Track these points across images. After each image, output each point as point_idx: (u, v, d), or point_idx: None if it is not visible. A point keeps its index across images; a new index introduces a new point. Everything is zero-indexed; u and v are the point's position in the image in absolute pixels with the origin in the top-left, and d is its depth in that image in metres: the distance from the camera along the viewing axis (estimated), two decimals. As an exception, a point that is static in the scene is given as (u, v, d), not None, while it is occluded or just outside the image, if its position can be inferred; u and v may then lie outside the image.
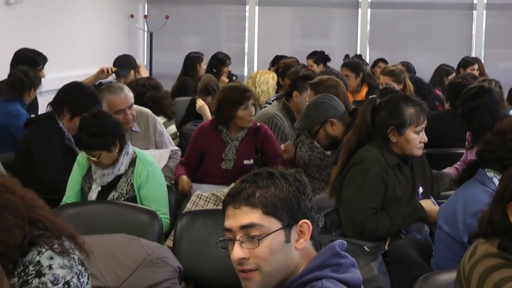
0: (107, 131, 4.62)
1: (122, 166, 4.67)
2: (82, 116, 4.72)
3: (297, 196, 2.23)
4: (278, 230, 2.18)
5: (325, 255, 2.22)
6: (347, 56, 10.36)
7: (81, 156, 4.80)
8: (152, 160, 4.85)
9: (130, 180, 4.69)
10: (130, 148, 4.77)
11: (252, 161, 5.54)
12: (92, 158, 4.60)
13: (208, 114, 6.74)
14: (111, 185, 4.70)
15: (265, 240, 2.17)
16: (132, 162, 4.71)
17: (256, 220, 2.17)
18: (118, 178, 4.71)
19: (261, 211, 2.18)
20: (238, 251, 2.18)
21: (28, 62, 7.12)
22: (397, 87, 7.26)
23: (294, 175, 2.27)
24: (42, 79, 7.14)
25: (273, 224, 2.18)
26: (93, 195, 4.71)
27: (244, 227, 2.18)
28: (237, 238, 2.19)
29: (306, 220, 2.23)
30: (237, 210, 2.20)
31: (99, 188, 4.70)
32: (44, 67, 7.31)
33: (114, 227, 4.06)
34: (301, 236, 2.22)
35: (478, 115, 5.47)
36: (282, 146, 5.48)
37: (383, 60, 10.02)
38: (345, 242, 2.31)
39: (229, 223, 2.21)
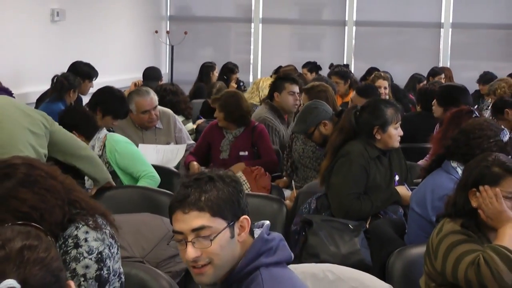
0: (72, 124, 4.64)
1: (96, 149, 4.64)
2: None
3: (236, 195, 2.17)
4: (225, 228, 2.13)
5: (258, 246, 2.17)
6: (331, 64, 10.31)
7: None
8: (119, 138, 4.79)
9: (105, 159, 4.65)
10: (102, 134, 4.73)
11: (247, 153, 5.50)
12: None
13: None
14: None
15: (216, 239, 2.10)
16: (104, 145, 4.69)
17: (206, 222, 2.10)
18: None
19: (209, 213, 2.11)
20: (192, 251, 2.10)
21: (84, 74, 7.10)
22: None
23: (230, 176, 2.22)
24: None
25: (220, 223, 2.12)
26: (88, 182, 4.63)
27: (195, 230, 2.10)
28: (189, 239, 2.10)
29: (246, 216, 2.19)
30: (186, 215, 2.11)
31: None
32: (92, 84, 7.27)
33: (141, 208, 4.05)
34: (242, 230, 2.17)
35: None
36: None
37: (376, 69, 9.99)
38: (269, 223, 2.27)
39: (180, 226, 2.12)
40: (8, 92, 4.56)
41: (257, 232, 2.24)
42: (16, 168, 2.49)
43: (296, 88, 6.35)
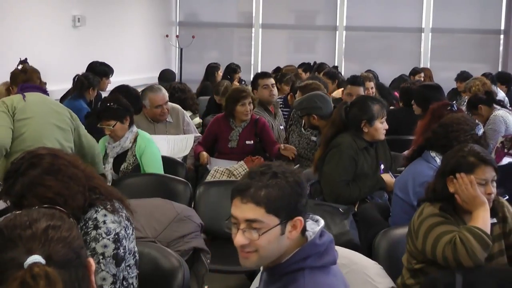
0: (121, 105, 4.65)
1: (127, 140, 4.66)
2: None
3: (295, 197, 2.05)
4: (276, 226, 2.02)
5: (308, 249, 2.07)
6: (315, 63, 10.33)
7: (102, 142, 4.80)
8: (149, 137, 4.79)
9: (134, 152, 4.68)
10: (135, 128, 4.75)
11: (252, 142, 5.57)
12: (109, 127, 4.60)
13: None
14: (122, 158, 4.70)
15: (265, 234, 2.01)
16: (135, 139, 4.70)
17: (260, 217, 2.01)
18: (126, 152, 4.70)
19: (264, 209, 2.01)
20: (240, 238, 2.03)
21: (101, 73, 7.14)
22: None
23: (294, 176, 2.09)
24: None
25: (273, 220, 2.01)
26: (108, 166, 4.71)
27: (248, 220, 2.02)
28: (241, 227, 2.03)
29: (300, 218, 2.05)
30: (244, 205, 2.03)
31: (112, 160, 4.72)
32: (109, 81, 7.30)
33: (154, 193, 4.03)
34: (293, 229, 2.05)
35: None
36: (282, 145, 5.46)
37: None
38: (324, 224, 2.16)
39: (236, 213, 2.05)
40: (43, 90, 4.56)
41: (310, 226, 2.15)
42: (41, 158, 2.51)
43: (268, 81, 6.48)
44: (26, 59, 4.69)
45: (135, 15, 10.53)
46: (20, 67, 4.63)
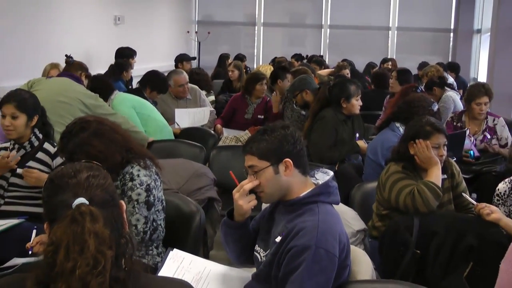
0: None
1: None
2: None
3: (279, 143, 2.07)
4: (267, 167, 2.06)
5: (321, 187, 2.10)
6: (307, 56, 10.27)
7: None
8: (123, 97, 4.64)
9: None
10: (115, 92, 4.66)
11: (262, 116, 5.66)
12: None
13: None
14: None
15: (260, 174, 2.07)
16: None
17: (254, 162, 2.08)
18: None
19: (256, 157, 2.07)
20: (249, 179, 2.12)
21: (126, 55, 7.09)
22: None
23: (281, 129, 2.11)
24: (136, 68, 7.13)
25: (264, 164, 2.06)
26: None
27: (250, 167, 2.10)
28: (249, 172, 2.12)
29: (288, 159, 2.06)
30: (246, 157, 2.12)
31: None
32: (136, 60, 7.27)
33: (177, 155, 4.05)
34: (287, 169, 2.06)
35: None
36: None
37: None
38: (333, 174, 2.19)
39: (245, 163, 2.13)
40: (75, 78, 4.34)
41: (319, 175, 2.18)
42: (90, 123, 2.55)
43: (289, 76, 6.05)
44: (70, 55, 4.57)
45: (163, 15, 10.46)
46: (65, 61, 4.52)
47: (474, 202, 2.83)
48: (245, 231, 2.24)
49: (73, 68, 4.47)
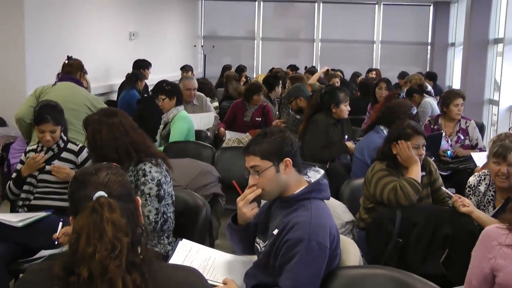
0: (172, 86, 4.54)
1: (171, 114, 4.51)
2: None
3: (280, 145, 2.04)
4: (270, 167, 2.03)
5: (313, 185, 2.08)
6: (306, 67, 10.28)
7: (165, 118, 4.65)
8: (185, 116, 4.57)
9: (170, 123, 4.51)
10: (180, 107, 4.56)
11: (260, 119, 5.62)
12: (160, 100, 4.48)
13: None
14: (165, 127, 4.55)
15: (263, 174, 2.03)
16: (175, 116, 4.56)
17: (257, 162, 2.04)
18: (167, 123, 4.54)
19: (259, 157, 2.03)
20: (251, 180, 2.07)
21: (142, 66, 7.15)
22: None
23: (279, 132, 2.09)
24: (149, 77, 7.14)
25: (266, 164, 2.03)
26: (158, 132, 4.60)
27: (252, 167, 2.05)
28: (250, 173, 2.07)
29: (288, 158, 2.04)
30: (247, 157, 2.07)
31: (161, 128, 4.58)
32: (149, 71, 7.29)
33: (185, 155, 4.02)
34: (286, 167, 2.04)
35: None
36: (277, 121, 5.48)
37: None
38: (324, 172, 2.19)
39: (246, 164, 2.08)
40: (76, 80, 4.21)
41: (311, 174, 2.16)
42: (117, 112, 2.61)
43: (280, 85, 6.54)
44: (71, 56, 4.38)
45: (172, 31, 10.43)
46: (67, 61, 4.26)
47: (453, 195, 2.83)
48: (248, 232, 2.23)
49: (74, 69, 4.23)
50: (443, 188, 3.04)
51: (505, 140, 2.78)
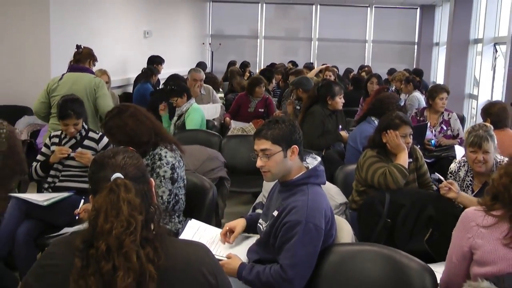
0: (180, 87, 4.52)
1: (184, 107, 4.53)
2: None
3: (290, 132, 2.02)
4: (279, 152, 2.00)
5: (311, 171, 2.05)
6: (306, 63, 10.24)
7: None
8: (197, 108, 4.61)
9: (185, 115, 4.53)
10: (192, 101, 4.60)
11: (263, 110, 5.55)
12: (174, 101, 4.50)
13: None
14: (179, 118, 4.56)
15: (272, 157, 2.00)
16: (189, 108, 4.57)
17: (268, 146, 2.00)
18: (182, 114, 4.55)
19: (270, 141, 2.00)
20: (259, 162, 2.03)
21: (156, 61, 7.09)
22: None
23: (289, 121, 2.08)
24: (162, 72, 7.11)
25: (277, 148, 2.00)
26: (174, 120, 4.60)
27: (262, 150, 2.01)
28: (259, 155, 2.03)
29: (295, 146, 2.03)
30: (259, 141, 2.03)
31: (175, 119, 4.60)
32: (162, 66, 7.26)
33: (196, 142, 4.01)
34: (293, 154, 2.02)
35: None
36: (277, 112, 5.46)
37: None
38: (320, 159, 2.16)
39: (256, 147, 2.04)
40: (85, 69, 4.00)
41: (309, 160, 2.13)
42: (128, 107, 2.57)
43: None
44: (81, 45, 4.20)
45: (183, 30, 10.38)
46: (76, 50, 4.05)
47: (443, 179, 2.80)
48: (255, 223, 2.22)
49: (83, 57, 4.02)
50: (437, 174, 3.01)
51: (479, 131, 2.77)
